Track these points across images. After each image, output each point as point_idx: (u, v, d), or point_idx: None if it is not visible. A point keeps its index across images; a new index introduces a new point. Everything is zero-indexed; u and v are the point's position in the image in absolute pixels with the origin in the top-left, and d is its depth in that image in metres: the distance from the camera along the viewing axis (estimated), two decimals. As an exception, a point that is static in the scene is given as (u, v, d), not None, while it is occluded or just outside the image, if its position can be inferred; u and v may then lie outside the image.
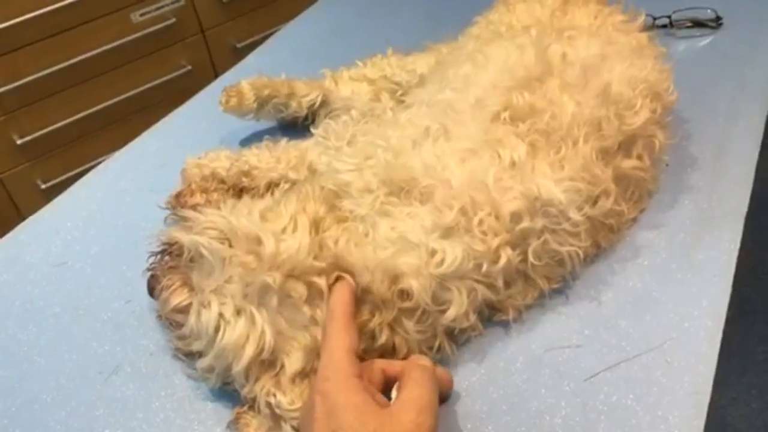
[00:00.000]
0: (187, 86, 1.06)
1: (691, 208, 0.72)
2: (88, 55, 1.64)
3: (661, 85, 0.70)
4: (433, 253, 0.57)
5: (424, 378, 0.52)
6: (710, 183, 0.75)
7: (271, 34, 1.16)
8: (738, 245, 0.68)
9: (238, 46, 1.86)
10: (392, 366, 0.55)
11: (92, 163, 0.89)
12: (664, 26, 1.00)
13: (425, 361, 0.55)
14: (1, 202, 1.69)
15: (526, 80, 0.66)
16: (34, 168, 1.71)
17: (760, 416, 1.51)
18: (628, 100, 0.66)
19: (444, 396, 0.58)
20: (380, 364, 0.55)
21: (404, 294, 0.57)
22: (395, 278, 0.57)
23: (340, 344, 0.51)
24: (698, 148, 0.79)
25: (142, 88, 1.76)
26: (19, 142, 1.63)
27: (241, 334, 0.54)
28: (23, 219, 0.81)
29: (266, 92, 0.85)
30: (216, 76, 1.05)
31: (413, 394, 0.50)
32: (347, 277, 0.55)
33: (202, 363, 0.57)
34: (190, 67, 1.82)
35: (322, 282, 0.56)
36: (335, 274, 0.56)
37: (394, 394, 0.53)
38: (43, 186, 1.71)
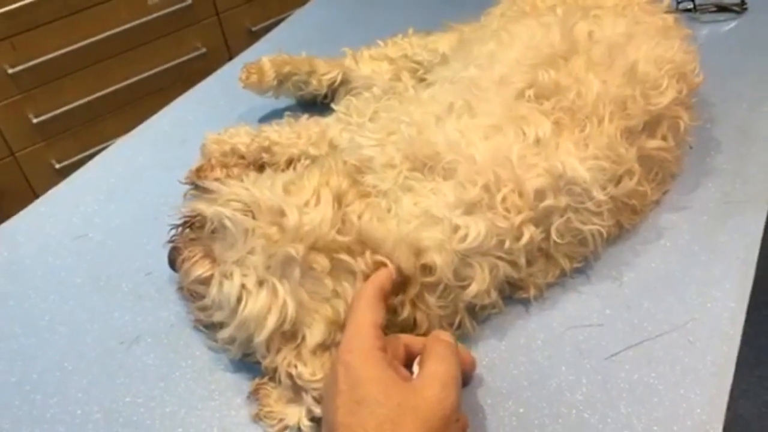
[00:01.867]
0: (202, 69, 1.06)
1: (714, 191, 0.72)
2: (104, 35, 1.64)
3: (688, 66, 0.69)
4: (456, 228, 0.57)
5: (447, 353, 0.51)
6: (734, 167, 0.74)
7: (287, 17, 1.15)
8: (762, 229, 0.67)
9: (253, 29, 1.86)
10: (414, 341, 0.55)
11: (106, 144, 0.89)
12: (688, 10, 0.99)
13: (447, 336, 0.55)
14: (16, 181, 1.70)
15: (551, 58, 0.66)
16: (49, 147, 1.72)
17: (771, 408, 1.50)
18: (654, 80, 0.66)
19: (467, 378, 0.58)
20: (403, 339, 0.55)
21: (427, 269, 0.57)
22: (418, 253, 0.57)
23: (366, 318, 0.51)
24: (722, 132, 0.79)
25: (156, 70, 1.76)
26: (34, 121, 1.64)
27: (263, 305, 0.54)
28: (37, 198, 0.81)
29: (286, 69, 0.84)
30: (231, 59, 1.05)
31: (437, 369, 0.50)
32: (389, 264, 0.55)
33: (224, 334, 0.57)
34: (204, 50, 1.82)
35: (352, 261, 0.55)
36: (377, 258, 0.55)
37: (415, 368, 0.53)
38: (58, 166, 1.72)
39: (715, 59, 0.86)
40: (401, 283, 0.56)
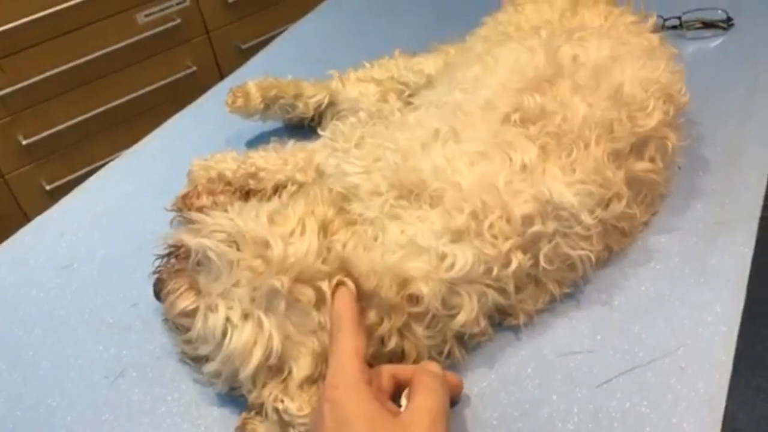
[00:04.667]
0: (192, 87, 1.06)
1: (704, 211, 0.72)
2: (94, 56, 1.64)
3: (674, 87, 0.69)
4: (443, 257, 0.56)
5: (436, 385, 0.51)
6: (723, 186, 0.74)
7: (277, 35, 1.15)
8: (752, 249, 0.67)
9: (244, 47, 1.86)
10: (402, 371, 0.54)
11: (97, 165, 0.89)
12: (674, 27, 0.99)
13: (435, 367, 0.54)
14: (6, 204, 1.68)
15: (536, 82, 0.65)
16: (40, 169, 1.71)
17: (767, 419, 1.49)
18: (640, 102, 0.65)
19: (453, 401, 0.57)
20: (390, 370, 0.54)
21: (414, 299, 0.56)
22: (404, 283, 0.56)
23: (348, 350, 0.50)
24: (710, 151, 0.78)
25: (147, 89, 1.75)
26: (24, 143, 1.63)
27: (249, 338, 0.53)
28: (28, 220, 0.80)
29: (273, 93, 0.84)
30: (221, 77, 1.05)
31: (426, 403, 0.49)
32: (348, 282, 0.54)
33: (209, 368, 0.56)
34: (195, 69, 1.81)
35: (325, 287, 0.55)
36: (336, 278, 0.55)
37: (403, 401, 0.52)
38: (48, 187, 1.71)
39: (701, 76, 0.86)
40: (381, 307, 0.56)
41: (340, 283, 0.55)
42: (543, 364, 0.60)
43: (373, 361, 0.55)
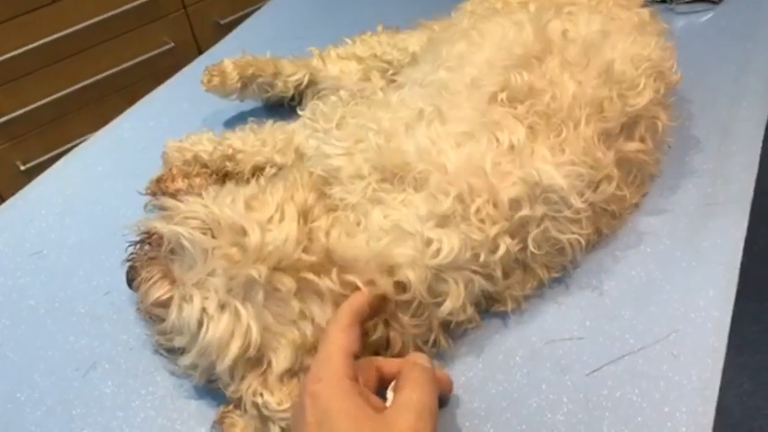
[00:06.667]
0: (170, 63, 1.02)
1: (695, 192, 0.70)
2: (68, 31, 1.59)
3: (665, 64, 0.67)
4: (428, 242, 0.54)
5: (423, 379, 0.49)
6: (714, 166, 0.72)
7: (257, 9, 1.11)
8: (744, 231, 0.65)
9: (222, 22, 1.81)
10: (389, 364, 0.52)
11: (73, 143, 0.86)
12: (663, 1, 0.96)
13: (424, 360, 0.52)
14: (-21, 185, 1.64)
15: (524, 59, 0.63)
16: (14, 149, 1.66)
17: (752, 397, 1.50)
18: (631, 80, 0.63)
19: (443, 400, 0.55)
20: (376, 362, 0.52)
21: (400, 286, 0.54)
22: (391, 270, 0.54)
23: (337, 344, 0.49)
24: (701, 130, 0.76)
25: (123, 66, 1.71)
26: (-3, 121, 1.58)
27: (225, 330, 0.51)
28: (4, 201, 0.78)
29: (250, 71, 0.81)
30: (200, 53, 1.01)
31: (411, 397, 0.47)
32: (362, 287, 0.53)
33: (185, 360, 0.54)
34: (172, 44, 1.77)
35: (319, 281, 0.53)
36: (343, 278, 0.53)
37: (389, 395, 0.50)
38: (23, 167, 1.67)
39: (692, 52, 0.84)
40: (382, 305, 0.54)
41: (353, 286, 0.53)
42: (531, 352, 0.58)
43: (357, 353, 0.53)
